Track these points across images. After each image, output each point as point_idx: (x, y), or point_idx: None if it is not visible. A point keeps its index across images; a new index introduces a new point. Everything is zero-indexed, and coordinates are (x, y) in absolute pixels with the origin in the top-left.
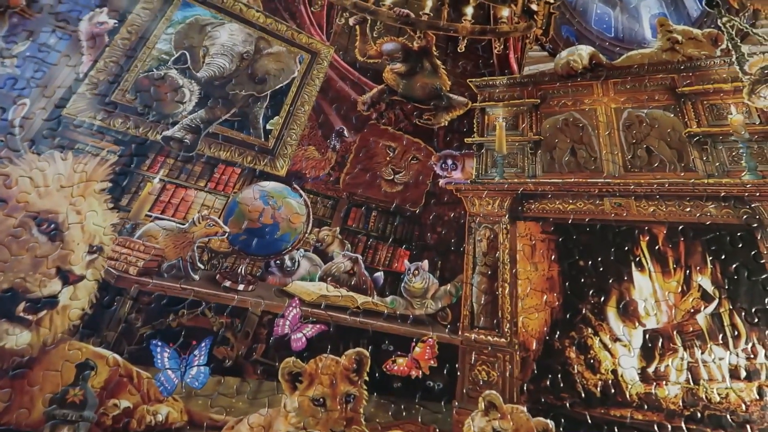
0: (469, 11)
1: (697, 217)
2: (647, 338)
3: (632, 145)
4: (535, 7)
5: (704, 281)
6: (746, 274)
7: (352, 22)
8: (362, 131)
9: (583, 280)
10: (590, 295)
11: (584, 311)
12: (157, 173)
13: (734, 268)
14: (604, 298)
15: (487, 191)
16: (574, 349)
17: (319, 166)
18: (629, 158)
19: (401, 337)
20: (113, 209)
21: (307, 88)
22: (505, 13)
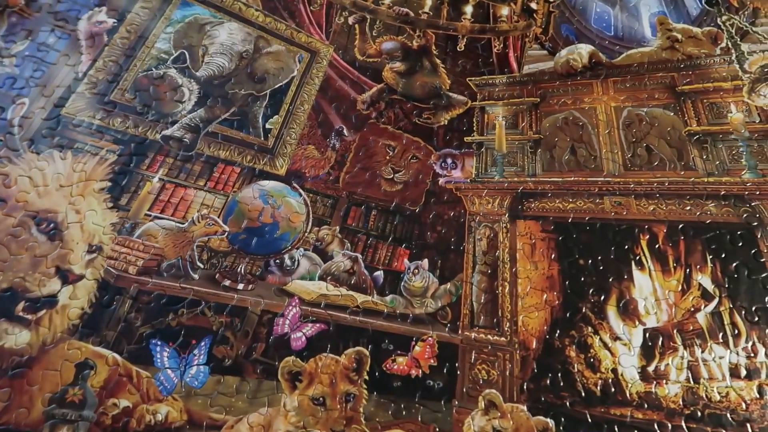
0: (468, 10)
1: (697, 215)
2: (647, 337)
3: (632, 143)
4: (534, 5)
5: (704, 280)
6: (746, 272)
7: (351, 20)
8: (362, 130)
9: (583, 278)
10: (590, 293)
11: (584, 310)
12: (156, 172)
13: (734, 266)
14: (604, 296)
15: (486, 190)
16: (574, 347)
17: (318, 165)
18: (629, 157)
19: (401, 336)
20: (112, 208)
21: (306, 87)
22: (504, 11)
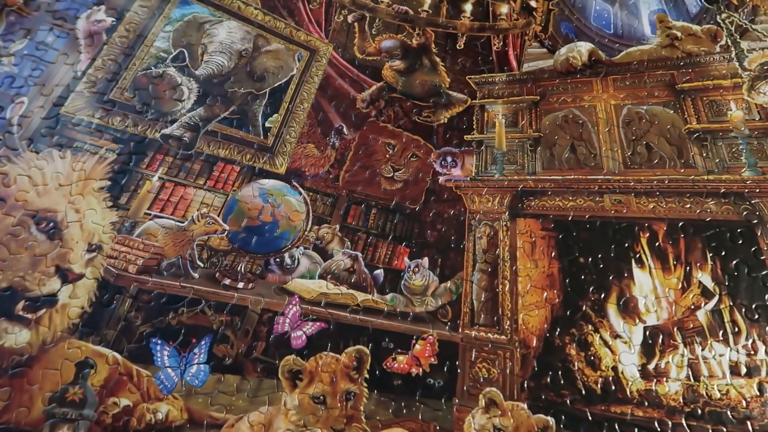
0: (468, 8)
1: (697, 213)
2: (647, 335)
3: (632, 141)
4: (534, 3)
5: (704, 278)
6: (746, 270)
7: (350, 19)
8: (361, 129)
9: (583, 276)
10: (590, 291)
11: (584, 308)
12: (156, 171)
13: (734, 264)
14: (604, 294)
15: (486, 188)
16: (574, 346)
17: (318, 163)
18: (629, 155)
19: (401, 334)
20: (112, 207)
21: (306, 85)
22: (504, 9)
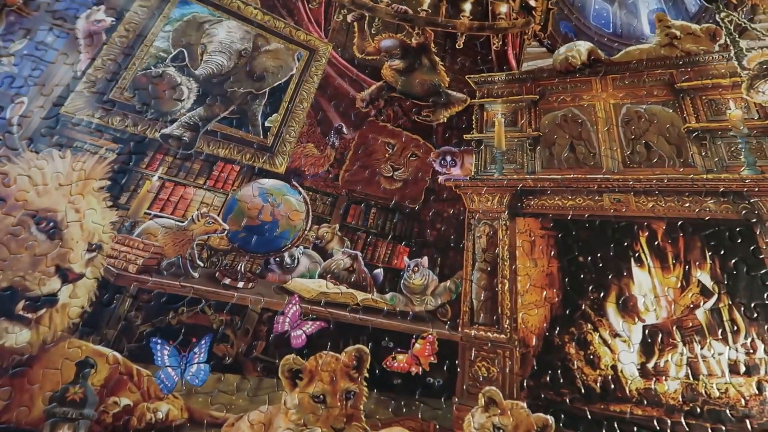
0: (467, 7)
1: (696, 212)
2: (647, 334)
3: (631, 140)
4: (533, 3)
5: (703, 276)
6: (745, 269)
7: (350, 18)
8: (361, 128)
9: (582, 275)
10: (590, 290)
11: (584, 307)
12: (155, 171)
13: (733, 263)
14: (603, 293)
15: (486, 187)
16: (573, 344)
17: (318, 163)
18: (628, 154)
19: (401, 333)
20: (112, 207)
21: (305, 85)
22: (503, 9)
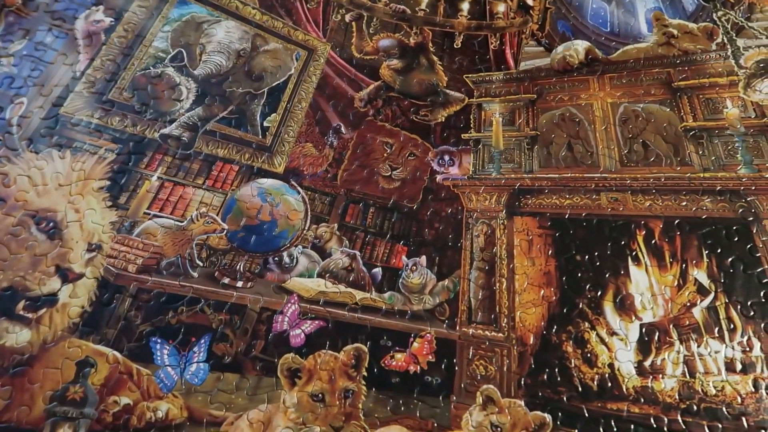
0: (465, 7)
1: (693, 211)
2: (644, 332)
3: (628, 139)
4: (531, 2)
5: (700, 275)
6: (742, 267)
7: (348, 18)
8: (359, 128)
9: (580, 274)
10: (587, 289)
11: (581, 305)
12: (155, 171)
13: (730, 261)
14: (600, 292)
15: (484, 187)
16: (571, 343)
17: (316, 162)
18: (625, 153)
19: (399, 332)
20: (112, 207)
21: (304, 85)
22: (501, 8)
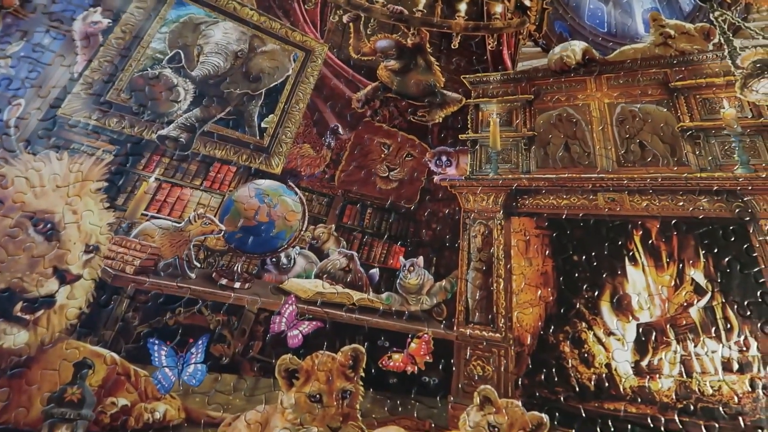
0: (462, 8)
1: (689, 211)
2: (641, 332)
3: (625, 139)
4: (528, 2)
5: (697, 275)
6: (739, 267)
7: (345, 19)
8: (357, 128)
9: (577, 274)
10: (584, 289)
11: (578, 306)
12: (152, 172)
13: (727, 261)
14: (597, 292)
15: (481, 187)
16: (568, 343)
17: (314, 163)
18: (622, 153)
19: (397, 333)
20: (109, 209)
21: (301, 86)
22: (498, 9)
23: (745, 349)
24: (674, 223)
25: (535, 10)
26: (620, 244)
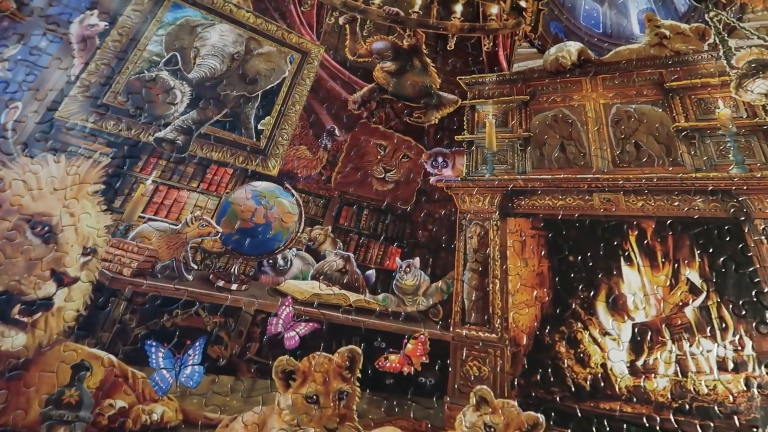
0: (458, 9)
1: (685, 211)
2: (636, 332)
3: (621, 140)
4: (523, 3)
5: (692, 275)
6: (734, 266)
7: (342, 21)
8: (353, 130)
9: (572, 275)
10: (580, 289)
11: (574, 306)
12: (149, 175)
13: (722, 261)
14: (593, 292)
15: (477, 188)
16: (564, 343)
17: (310, 165)
18: (618, 153)
19: (393, 334)
20: (106, 211)
21: (297, 87)
22: (494, 10)
23: (740, 348)
24: (669, 223)
25: (530, 11)
26: (616, 244)
